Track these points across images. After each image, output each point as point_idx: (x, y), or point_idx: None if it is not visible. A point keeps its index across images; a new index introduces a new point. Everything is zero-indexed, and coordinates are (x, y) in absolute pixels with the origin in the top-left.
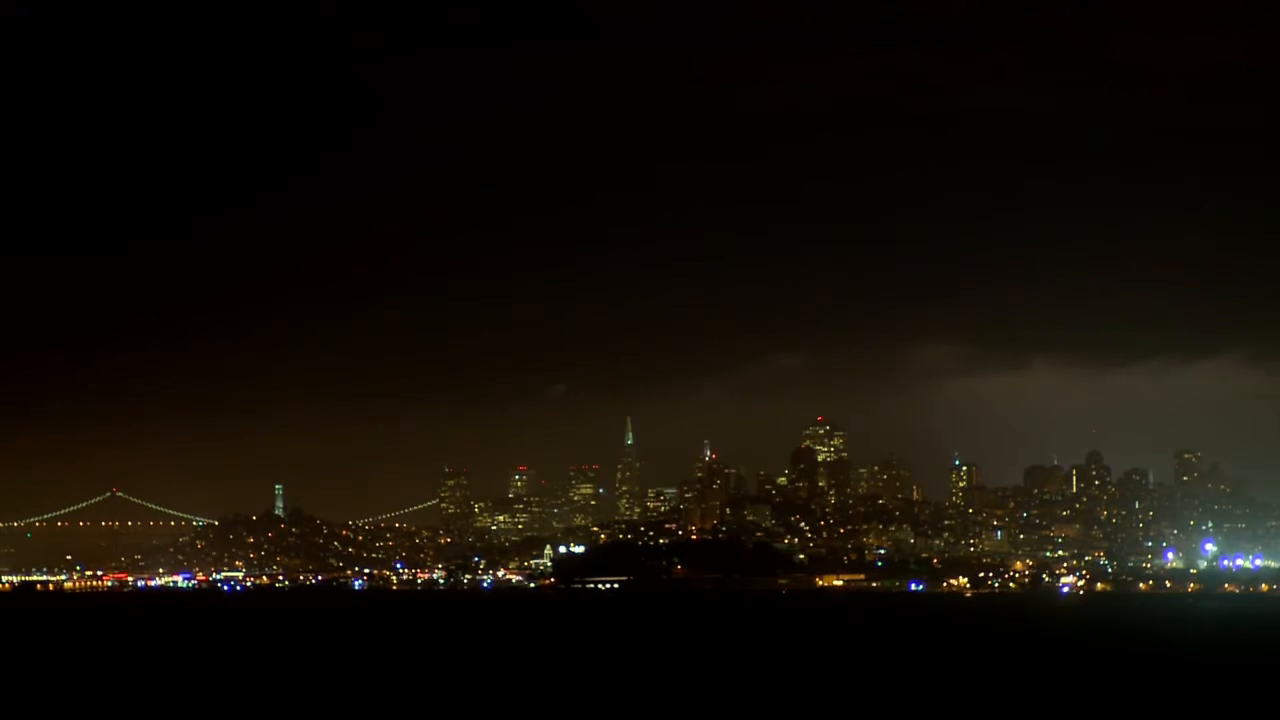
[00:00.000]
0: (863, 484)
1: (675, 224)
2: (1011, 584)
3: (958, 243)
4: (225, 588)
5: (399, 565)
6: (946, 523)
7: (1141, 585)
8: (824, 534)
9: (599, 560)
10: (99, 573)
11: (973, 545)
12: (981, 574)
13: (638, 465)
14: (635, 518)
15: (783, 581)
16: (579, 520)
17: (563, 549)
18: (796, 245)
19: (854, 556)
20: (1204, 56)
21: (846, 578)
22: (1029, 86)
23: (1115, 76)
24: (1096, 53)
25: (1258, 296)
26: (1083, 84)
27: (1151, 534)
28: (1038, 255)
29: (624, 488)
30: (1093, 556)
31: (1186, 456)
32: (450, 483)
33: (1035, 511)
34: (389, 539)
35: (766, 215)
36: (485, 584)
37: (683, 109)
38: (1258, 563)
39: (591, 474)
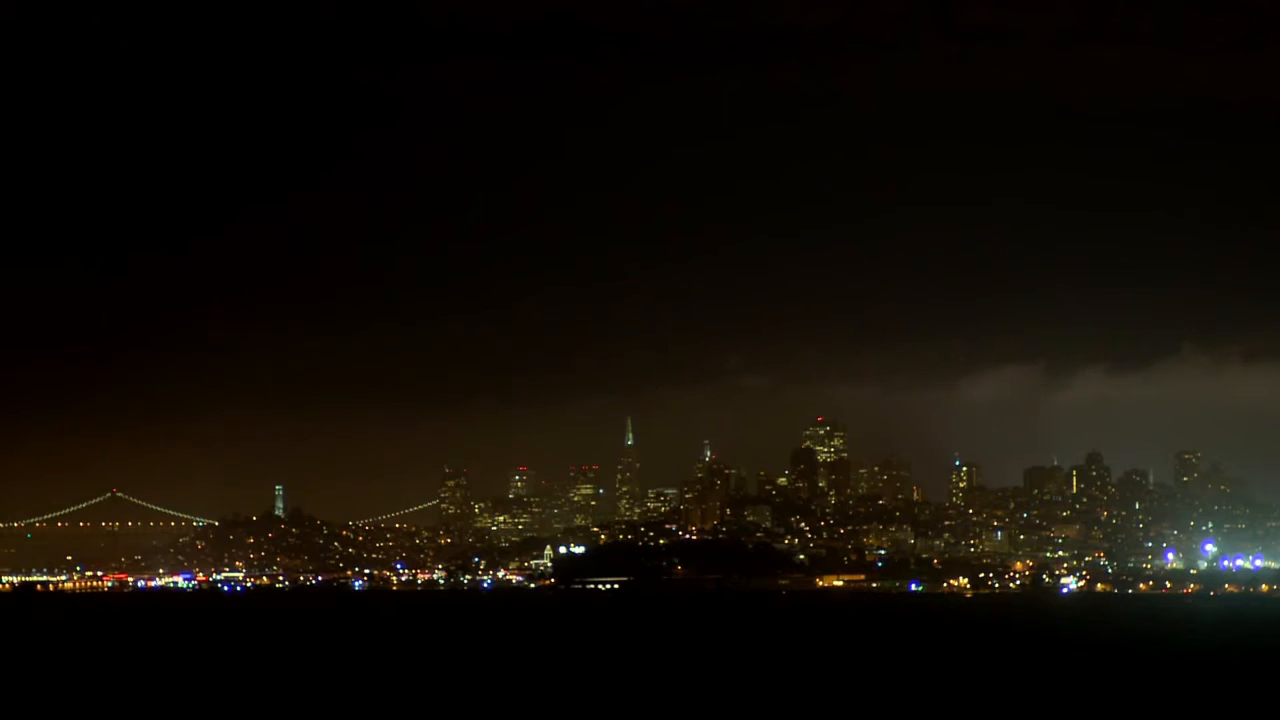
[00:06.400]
0: (863, 484)
1: (676, 224)
2: (1012, 584)
3: (958, 242)
4: (225, 588)
5: (399, 565)
6: (947, 523)
7: (1142, 585)
8: (824, 534)
9: (599, 561)
10: (99, 573)
11: (973, 546)
12: (981, 574)
13: (638, 465)
14: (635, 518)
15: (783, 582)
16: (579, 520)
17: (563, 549)
18: (794, 245)
19: (854, 557)
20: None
21: (846, 578)
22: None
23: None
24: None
25: (1260, 296)
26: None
27: (1152, 534)
28: (1042, 256)
29: (624, 488)
30: (1093, 557)
31: (1186, 456)
32: (450, 483)
33: (1035, 512)
34: (389, 539)
35: (765, 216)
36: (485, 584)
37: (676, 98)
38: (1258, 563)
39: (591, 474)
